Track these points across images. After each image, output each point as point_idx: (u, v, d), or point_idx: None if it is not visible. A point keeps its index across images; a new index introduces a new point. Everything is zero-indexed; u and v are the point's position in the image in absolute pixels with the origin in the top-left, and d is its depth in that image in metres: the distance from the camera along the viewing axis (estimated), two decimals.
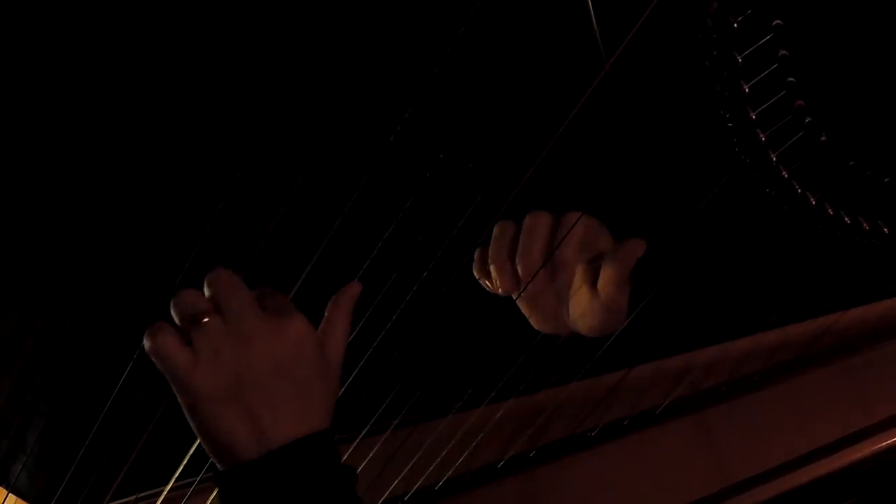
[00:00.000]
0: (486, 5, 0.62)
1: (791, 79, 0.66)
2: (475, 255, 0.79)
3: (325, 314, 0.69)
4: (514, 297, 0.79)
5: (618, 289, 0.75)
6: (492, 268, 0.77)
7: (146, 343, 0.63)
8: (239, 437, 0.63)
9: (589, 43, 0.66)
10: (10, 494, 0.93)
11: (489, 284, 0.79)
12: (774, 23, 0.65)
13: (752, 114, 0.68)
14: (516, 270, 0.76)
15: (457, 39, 0.63)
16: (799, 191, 0.71)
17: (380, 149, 0.68)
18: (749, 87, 0.67)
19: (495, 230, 0.77)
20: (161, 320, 0.64)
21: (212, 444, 0.65)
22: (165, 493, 0.86)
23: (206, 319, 0.63)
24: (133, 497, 0.89)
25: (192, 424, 0.65)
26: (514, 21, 0.85)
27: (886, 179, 0.70)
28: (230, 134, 0.92)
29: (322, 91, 0.87)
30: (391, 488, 0.85)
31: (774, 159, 0.70)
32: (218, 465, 0.65)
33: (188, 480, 0.85)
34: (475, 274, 0.80)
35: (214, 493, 0.86)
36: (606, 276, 0.75)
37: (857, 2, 0.76)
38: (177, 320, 0.64)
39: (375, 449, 0.84)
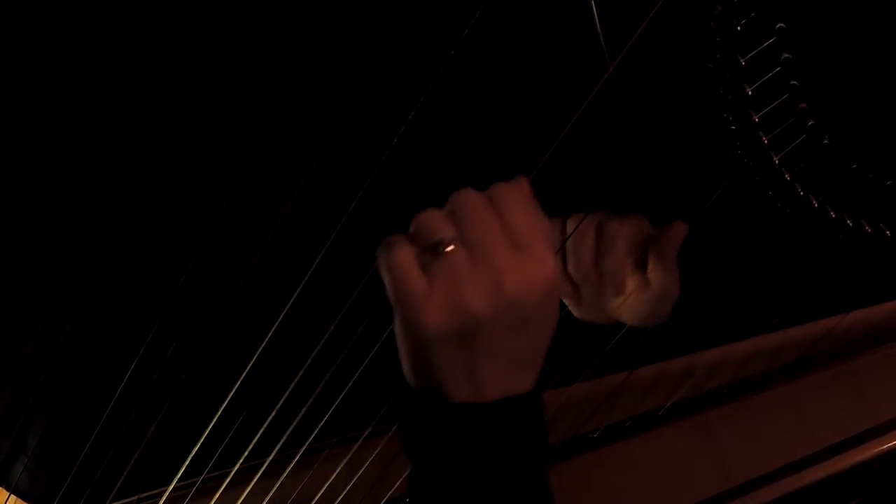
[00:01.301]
0: (489, 7, 0.62)
1: (794, 82, 0.66)
2: None
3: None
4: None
5: (668, 275, 0.73)
6: None
7: (380, 256, 0.56)
8: (451, 378, 0.56)
9: (592, 45, 0.66)
10: (11, 495, 0.93)
11: None
12: (778, 26, 0.65)
13: (754, 116, 0.68)
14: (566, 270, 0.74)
15: (460, 41, 0.64)
16: (801, 193, 0.71)
17: (383, 151, 0.68)
18: (752, 90, 0.67)
19: None
20: (401, 233, 0.56)
21: (415, 370, 0.57)
22: (168, 493, 0.86)
23: (450, 249, 0.55)
24: (135, 497, 0.89)
25: (400, 350, 0.58)
26: (518, 24, 0.85)
27: (889, 182, 0.71)
28: (232, 135, 0.92)
29: (325, 93, 0.87)
30: (393, 489, 0.85)
31: (777, 162, 0.70)
32: (411, 382, 0.58)
33: (190, 481, 0.85)
34: None
35: (217, 493, 0.86)
36: (655, 264, 0.73)
37: (860, 5, 0.77)
38: (418, 244, 0.56)
39: (378, 450, 0.84)
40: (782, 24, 0.65)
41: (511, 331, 0.56)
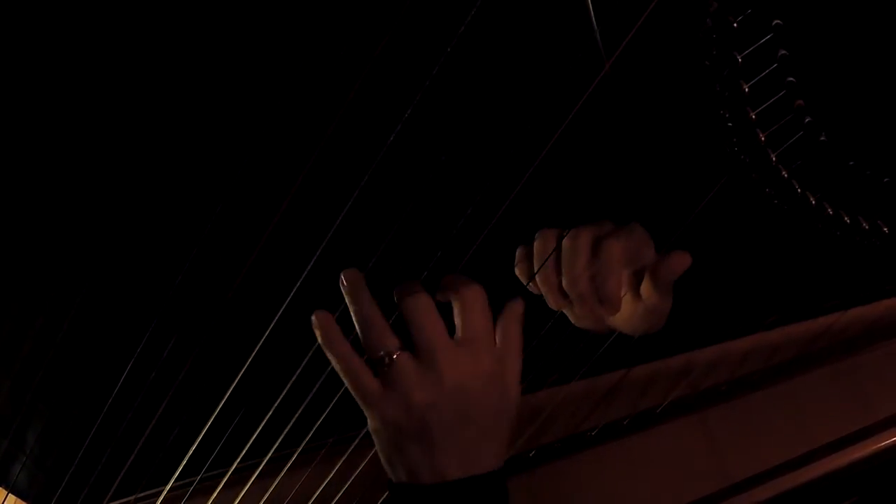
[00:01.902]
0: (486, 5, 0.62)
1: (791, 78, 0.66)
2: (517, 255, 0.79)
3: (497, 342, 0.69)
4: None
5: (661, 297, 0.75)
6: (538, 282, 0.77)
7: (337, 367, 0.67)
8: (416, 466, 0.66)
9: (589, 43, 0.66)
10: (9, 494, 0.93)
11: (534, 287, 0.78)
12: (774, 22, 0.65)
13: (751, 113, 0.68)
14: (562, 286, 0.75)
15: (457, 39, 0.63)
16: (799, 190, 0.71)
17: (379, 149, 0.68)
18: (749, 87, 0.67)
19: (536, 243, 0.76)
20: (352, 352, 0.66)
21: (389, 463, 0.68)
22: (165, 493, 0.86)
23: (395, 356, 0.65)
24: (133, 497, 0.89)
25: (373, 439, 0.69)
26: (514, 21, 0.85)
27: (886, 179, 0.70)
28: (229, 134, 0.92)
29: (321, 91, 0.87)
30: None
31: (774, 159, 0.70)
32: (391, 476, 0.69)
33: (188, 480, 0.85)
34: (518, 276, 0.79)
35: (215, 493, 0.86)
36: (650, 286, 0.74)
37: (856, 2, 0.76)
38: (368, 352, 0.66)
39: (375, 449, 0.83)
40: (779, 21, 0.65)
41: (459, 418, 0.65)
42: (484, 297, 0.67)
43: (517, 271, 0.79)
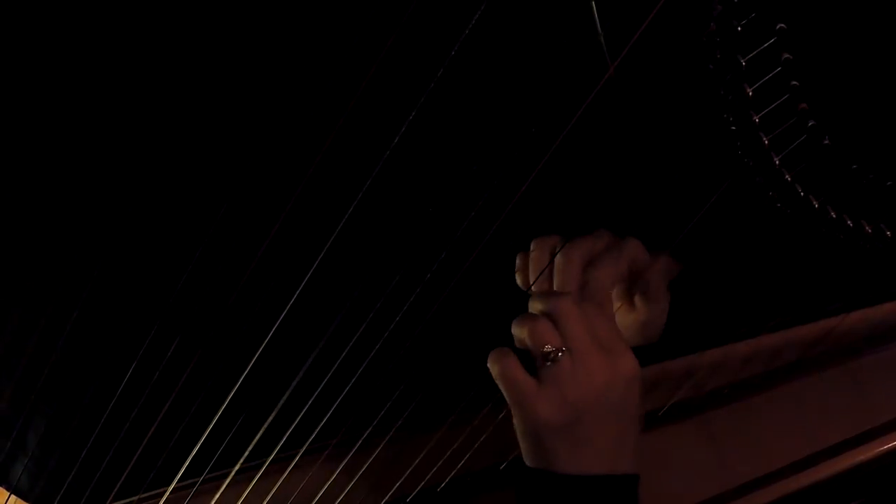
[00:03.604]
0: (490, 8, 0.62)
1: (794, 82, 0.66)
2: (517, 264, 0.81)
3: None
4: None
5: (655, 305, 0.76)
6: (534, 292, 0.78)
7: (492, 367, 0.69)
8: (560, 460, 0.69)
9: (593, 46, 0.66)
10: (11, 495, 0.93)
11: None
12: (778, 26, 0.65)
13: (755, 117, 0.68)
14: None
15: (461, 42, 0.63)
16: (802, 194, 0.71)
17: (383, 151, 0.68)
18: (752, 91, 0.67)
19: (532, 253, 0.79)
20: (506, 347, 0.70)
21: (532, 453, 0.71)
22: (168, 493, 0.86)
23: (560, 353, 0.68)
24: (136, 498, 0.89)
25: (518, 433, 0.71)
26: (519, 24, 0.85)
27: (889, 183, 0.71)
28: (232, 136, 0.92)
29: (324, 94, 0.87)
30: (393, 490, 0.85)
31: (777, 162, 0.70)
32: (527, 461, 0.71)
33: (191, 481, 0.85)
34: (518, 282, 0.80)
35: (217, 493, 0.86)
36: (642, 293, 0.76)
37: (860, 5, 0.76)
38: (527, 348, 0.69)
39: (377, 451, 0.84)
40: (783, 25, 0.65)
41: (604, 419, 0.69)
42: (599, 307, 0.71)
43: (517, 279, 0.80)
